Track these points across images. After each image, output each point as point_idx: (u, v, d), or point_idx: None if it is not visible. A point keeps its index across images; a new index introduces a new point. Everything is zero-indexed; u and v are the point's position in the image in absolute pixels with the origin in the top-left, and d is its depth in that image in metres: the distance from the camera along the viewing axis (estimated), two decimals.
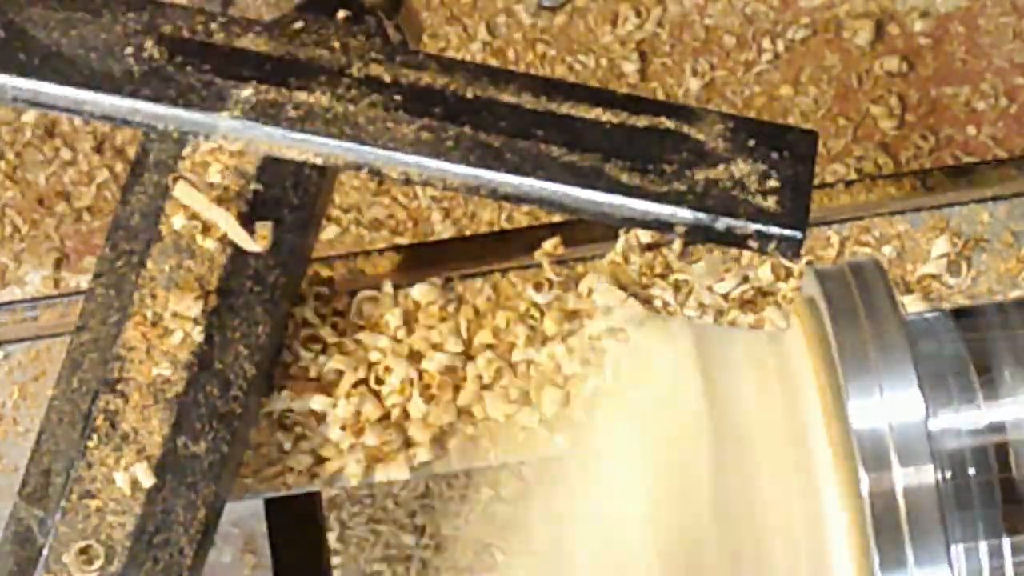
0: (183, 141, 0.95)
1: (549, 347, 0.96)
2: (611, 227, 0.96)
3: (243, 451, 0.93)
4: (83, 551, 0.86)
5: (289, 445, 0.95)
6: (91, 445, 0.88)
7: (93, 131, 1.77)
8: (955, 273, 1.04)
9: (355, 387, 0.95)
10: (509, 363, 0.96)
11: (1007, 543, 0.81)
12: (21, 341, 1.04)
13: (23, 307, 1.06)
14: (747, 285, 1.00)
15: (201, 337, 0.90)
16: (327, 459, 0.95)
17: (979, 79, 1.75)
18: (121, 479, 0.87)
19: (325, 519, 1.46)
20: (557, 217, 0.98)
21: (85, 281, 1.18)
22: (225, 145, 0.95)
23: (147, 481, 0.87)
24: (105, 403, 0.89)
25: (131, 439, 0.88)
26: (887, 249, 1.04)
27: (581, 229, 1.02)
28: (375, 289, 0.99)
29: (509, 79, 0.95)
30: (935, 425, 0.79)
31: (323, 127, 0.94)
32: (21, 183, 1.76)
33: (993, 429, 0.81)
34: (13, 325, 1.05)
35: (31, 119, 1.77)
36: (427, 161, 0.93)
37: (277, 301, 0.93)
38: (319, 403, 0.95)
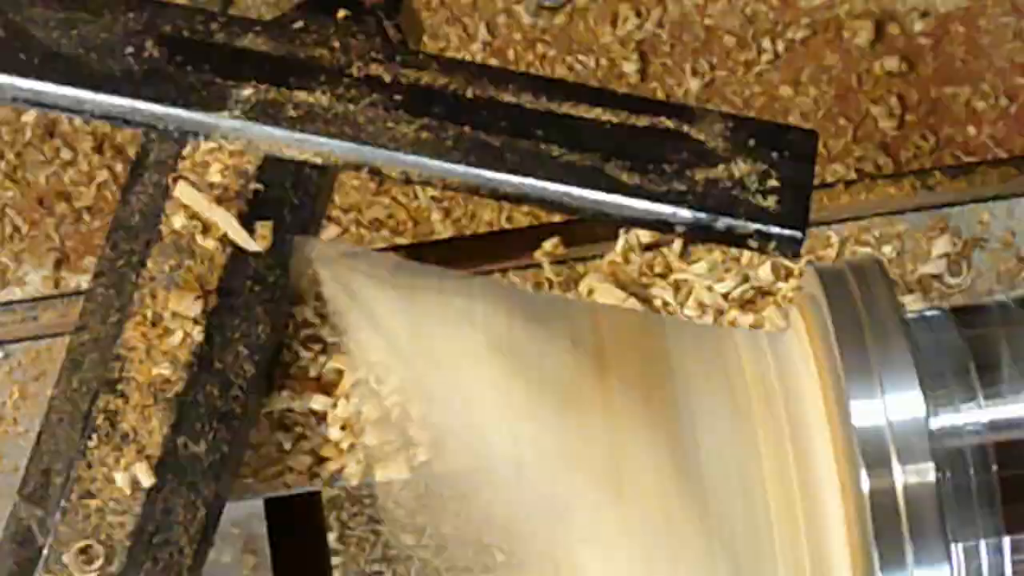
0: (183, 141, 0.95)
1: None
2: (611, 227, 0.96)
3: (243, 451, 0.93)
4: (83, 551, 0.86)
5: (289, 445, 0.95)
6: (91, 445, 0.88)
7: (93, 131, 1.76)
8: (955, 273, 1.04)
9: (355, 387, 0.95)
10: None
11: (1007, 542, 0.81)
12: (21, 341, 1.04)
13: (23, 307, 1.06)
14: (747, 285, 1.00)
15: (201, 337, 0.90)
16: (327, 459, 0.95)
17: (979, 79, 1.75)
18: (121, 479, 0.87)
19: (325, 519, 1.46)
20: (557, 217, 0.97)
21: (85, 281, 1.18)
22: (225, 145, 0.95)
23: (147, 481, 0.87)
24: (105, 403, 0.89)
25: (131, 439, 0.88)
26: (887, 249, 1.04)
27: (581, 229, 1.02)
28: None
29: (509, 79, 0.95)
30: (936, 424, 0.79)
31: (323, 127, 0.94)
32: (21, 183, 1.76)
33: (994, 428, 0.81)
34: (13, 325, 1.05)
35: (31, 119, 1.77)
36: (427, 161, 0.93)
37: (277, 301, 0.92)
38: (319, 403, 0.95)
